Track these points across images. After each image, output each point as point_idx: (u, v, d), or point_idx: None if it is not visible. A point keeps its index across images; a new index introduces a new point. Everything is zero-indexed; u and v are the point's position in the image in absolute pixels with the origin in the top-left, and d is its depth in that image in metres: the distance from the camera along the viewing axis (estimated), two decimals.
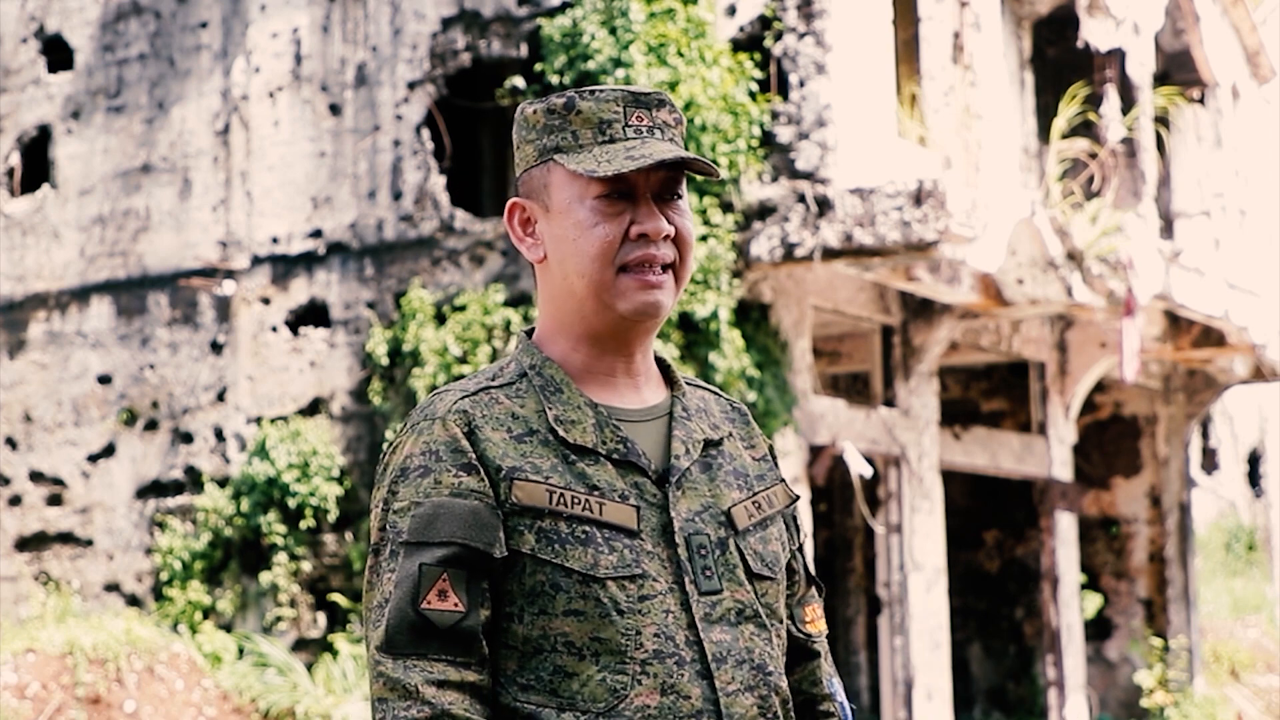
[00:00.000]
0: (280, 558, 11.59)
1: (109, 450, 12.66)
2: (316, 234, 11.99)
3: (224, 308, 12.27)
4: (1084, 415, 15.86)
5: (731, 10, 11.05)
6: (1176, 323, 14.46)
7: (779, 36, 10.87)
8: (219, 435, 12.20)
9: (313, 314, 12.01)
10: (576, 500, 2.09)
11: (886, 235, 10.22)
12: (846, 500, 15.04)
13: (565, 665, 2.05)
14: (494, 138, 13.42)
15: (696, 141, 10.32)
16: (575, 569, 2.06)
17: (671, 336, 10.33)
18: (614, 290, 2.15)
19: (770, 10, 10.91)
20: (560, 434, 2.13)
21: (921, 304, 12.33)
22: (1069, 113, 12.86)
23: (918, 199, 10.17)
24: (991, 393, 14.97)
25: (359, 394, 11.67)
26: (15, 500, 13.01)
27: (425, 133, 11.71)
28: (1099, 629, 15.95)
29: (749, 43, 10.99)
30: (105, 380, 12.72)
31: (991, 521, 15.46)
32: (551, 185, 2.18)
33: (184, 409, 12.37)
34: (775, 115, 10.78)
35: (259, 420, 11.97)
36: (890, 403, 12.34)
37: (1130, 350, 12.28)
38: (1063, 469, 14.28)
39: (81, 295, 12.91)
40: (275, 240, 12.14)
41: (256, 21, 12.33)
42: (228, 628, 11.82)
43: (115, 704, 10.33)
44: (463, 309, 11.17)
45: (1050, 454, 14.14)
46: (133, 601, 12.36)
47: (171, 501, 12.31)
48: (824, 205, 10.41)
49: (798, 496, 2.34)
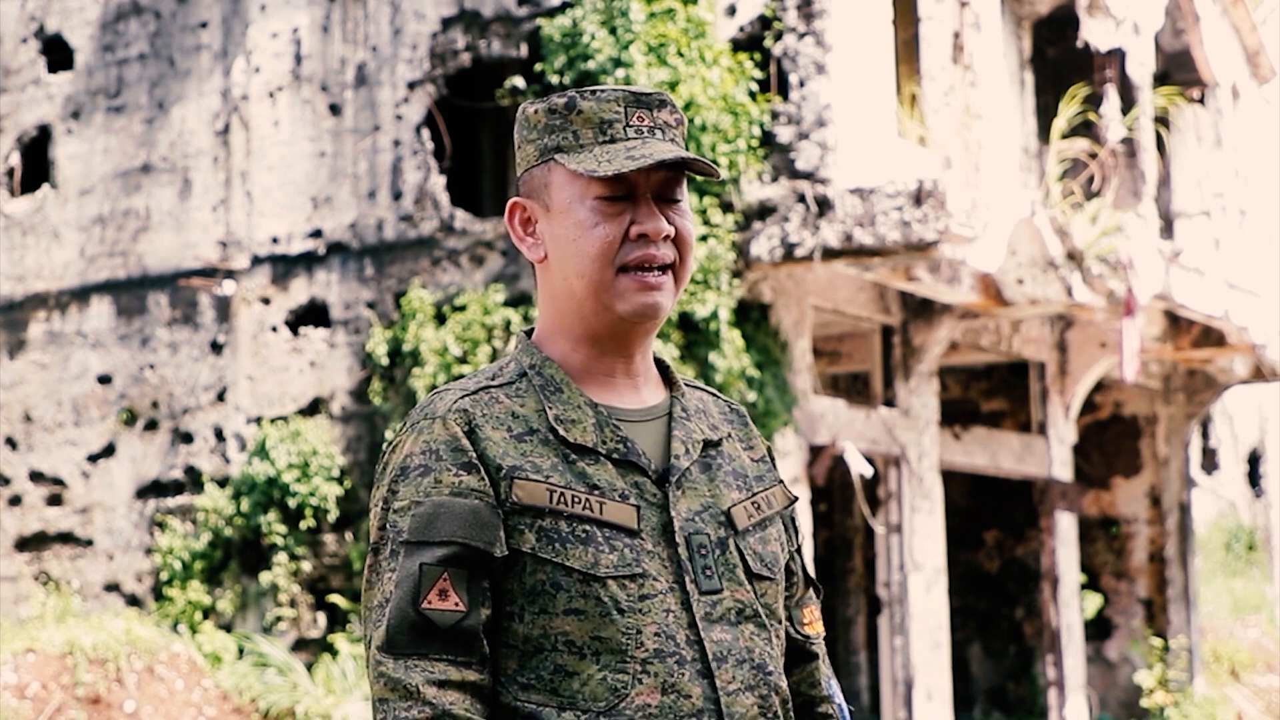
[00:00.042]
0: (280, 558, 11.58)
1: (109, 450, 12.66)
2: (316, 234, 11.99)
3: (224, 308, 12.27)
4: (1084, 415, 15.85)
5: (731, 10, 11.04)
6: (1176, 323, 14.46)
7: (779, 36, 10.87)
8: (219, 435, 12.20)
9: (313, 314, 12.01)
10: (577, 499, 2.08)
11: (886, 235, 10.22)
12: (846, 500, 15.04)
13: (566, 664, 2.05)
14: (494, 138, 13.42)
15: (697, 141, 10.32)
16: (576, 568, 2.06)
17: (671, 336, 10.33)
18: (613, 291, 2.15)
19: (770, 10, 10.91)
20: (560, 433, 2.12)
21: (921, 304, 12.33)
22: (1069, 113, 12.85)
23: (918, 199, 10.17)
24: (991, 393, 14.97)
25: (359, 394, 11.67)
26: (15, 500, 13.01)
27: (425, 133, 11.71)
28: (1099, 629, 15.95)
29: (749, 43, 10.99)
30: (105, 380, 12.72)
31: (991, 521, 15.45)
32: (552, 185, 2.18)
33: (184, 409, 12.36)
34: (775, 115, 10.77)
35: (259, 420, 11.97)
36: (890, 403, 12.33)
37: (1130, 350, 12.28)
38: (1063, 469, 14.27)
39: (81, 295, 12.90)
40: (275, 240, 12.14)
41: (256, 21, 12.33)
42: (228, 628, 11.82)
43: (115, 704, 10.33)
44: (463, 309, 11.17)
45: (1050, 454, 14.14)
46: (133, 601, 12.36)
47: (171, 501, 12.31)
48: (824, 205, 10.41)
49: (796, 498, 2.33)
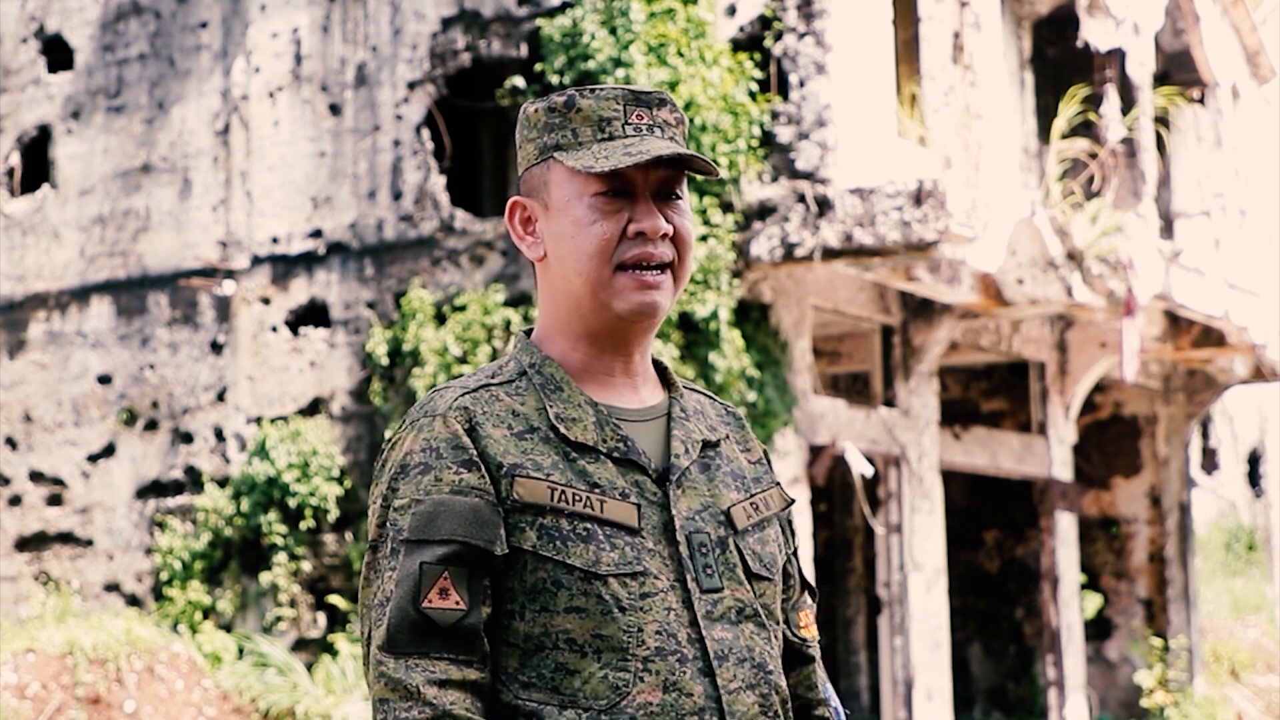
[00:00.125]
0: (280, 558, 11.58)
1: (109, 450, 12.66)
2: (316, 234, 11.99)
3: (224, 308, 12.27)
4: (1084, 415, 15.85)
5: (731, 10, 11.04)
6: (1176, 323, 14.45)
7: (779, 36, 10.87)
8: (219, 435, 12.20)
9: (313, 314, 12.01)
10: (578, 497, 2.08)
11: (886, 235, 10.22)
12: (846, 500, 15.04)
13: (567, 663, 2.05)
14: (494, 138, 13.42)
15: (697, 141, 10.32)
16: (577, 566, 2.05)
17: (671, 336, 10.33)
18: (611, 289, 2.14)
19: (770, 10, 10.91)
20: (561, 431, 2.12)
21: (921, 304, 12.33)
22: (1069, 113, 12.85)
23: (918, 199, 10.16)
24: (991, 393, 14.96)
25: (359, 394, 11.67)
26: (15, 500, 13.00)
27: (425, 133, 11.71)
28: (1099, 629, 15.95)
29: (749, 43, 10.99)
30: (105, 380, 12.71)
31: (991, 521, 15.45)
32: (551, 183, 2.18)
33: (184, 409, 12.36)
34: (775, 115, 10.77)
35: (259, 420, 11.97)
36: (890, 403, 12.33)
37: (1130, 350, 12.28)
38: (1063, 469, 14.27)
39: (81, 295, 12.90)
40: (275, 240, 12.14)
41: (256, 21, 12.33)
42: (228, 628, 11.82)
43: (115, 704, 10.33)
44: (463, 309, 11.17)
45: (1050, 454, 14.14)
46: (133, 601, 12.35)
47: (171, 501, 12.31)
48: (824, 205, 10.41)
49: (793, 500, 2.34)
